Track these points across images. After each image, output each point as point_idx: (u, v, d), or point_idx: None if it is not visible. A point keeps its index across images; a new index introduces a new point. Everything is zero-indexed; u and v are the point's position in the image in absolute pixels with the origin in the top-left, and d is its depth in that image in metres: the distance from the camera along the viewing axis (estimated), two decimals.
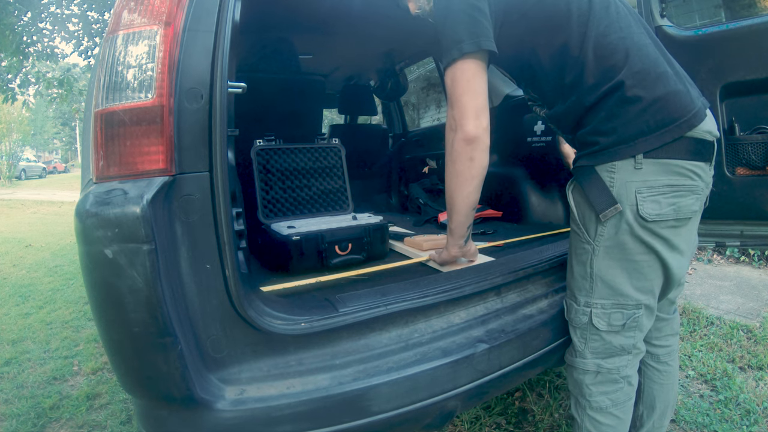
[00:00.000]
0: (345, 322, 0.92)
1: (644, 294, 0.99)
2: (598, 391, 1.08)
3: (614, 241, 0.96)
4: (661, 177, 0.90)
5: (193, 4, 0.79)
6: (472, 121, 0.97)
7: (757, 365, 1.97)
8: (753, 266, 3.39)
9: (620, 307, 1.00)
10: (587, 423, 1.10)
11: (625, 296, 0.99)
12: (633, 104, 0.89)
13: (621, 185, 0.92)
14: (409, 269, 1.39)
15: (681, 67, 0.99)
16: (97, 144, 0.76)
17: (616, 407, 1.08)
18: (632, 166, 0.90)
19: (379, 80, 3.03)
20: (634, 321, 1.01)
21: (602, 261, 0.99)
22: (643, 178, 0.90)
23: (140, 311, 0.72)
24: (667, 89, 0.89)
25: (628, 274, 0.97)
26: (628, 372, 1.07)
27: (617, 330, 1.02)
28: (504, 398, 1.77)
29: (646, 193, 0.90)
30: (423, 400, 0.93)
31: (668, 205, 0.91)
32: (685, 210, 0.93)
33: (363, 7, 1.87)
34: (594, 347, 1.06)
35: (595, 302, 1.02)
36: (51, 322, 2.77)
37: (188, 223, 0.79)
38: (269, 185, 1.71)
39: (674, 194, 0.91)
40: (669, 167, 0.89)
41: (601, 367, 1.06)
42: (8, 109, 15.89)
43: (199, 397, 0.78)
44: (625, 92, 0.90)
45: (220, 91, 0.79)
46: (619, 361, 1.06)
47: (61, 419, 1.74)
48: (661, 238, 0.94)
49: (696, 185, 0.93)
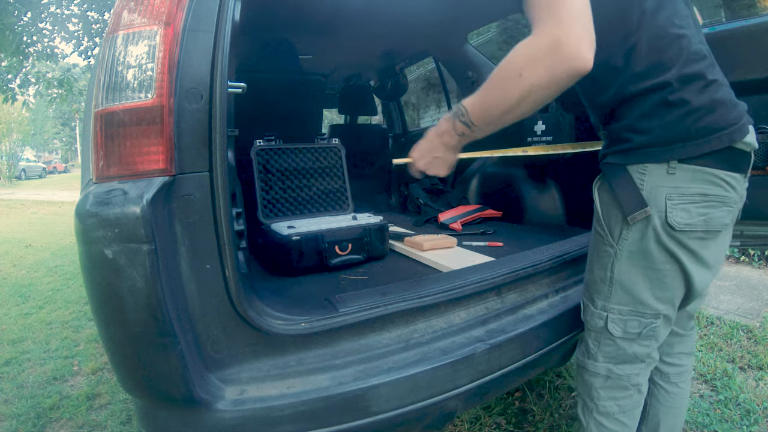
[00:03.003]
0: (345, 322, 0.92)
1: (664, 304, 0.95)
2: (607, 396, 1.04)
3: (638, 247, 0.91)
4: (694, 185, 0.84)
5: (193, 4, 0.79)
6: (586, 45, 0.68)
7: (757, 365, 1.97)
8: (753, 266, 3.39)
9: (638, 315, 0.96)
10: (593, 426, 1.07)
11: (644, 305, 0.95)
12: (676, 108, 0.83)
13: (651, 189, 0.86)
14: (409, 269, 1.39)
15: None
16: (97, 144, 0.76)
17: (624, 414, 1.05)
18: (665, 171, 0.85)
19: (379, 80, 3.03)
20: (651, 330, 0.97)
21: (624, 266, 0.94)
22: (675, 183, 0.85)
23: (140, 311, 0.72)
24: (715, 98, 0.83)
25: (649, 282, 0.93)
26: (640, 380, 1.04)
27: (633, 338, 0.98)
28: (504, 398, 1.77)
29: (677, 200, 0.85)
30: (423, 401, 0.93)
31: (699, 215, 0.86)
32: (716, 222, 0.87)
33: (363, 7, 1.87)
34: (607, 351, 1.02)
35: (613, 307, 0.98)
36: (51, 322, 2.77)
37: (188, 223, 0.79)
38: (269, 185, 1.71)
39: (706, 204, 0.85)
40: (703, 175, 0.84)
41: (612, 372, 1.03)
42: (8, 109, 15.88)
43: (199, 397, 0.78)
44: (669, 94, 0.83)
45: (220, 91, 0.79)
46: (631, 368, 1.02)
47: (61, 419, 1.74)
48: (687, 249, 0.88)
49: (729, 197, 0.87)
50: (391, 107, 3.46)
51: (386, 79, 2.97)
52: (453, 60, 2.54)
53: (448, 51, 2.52)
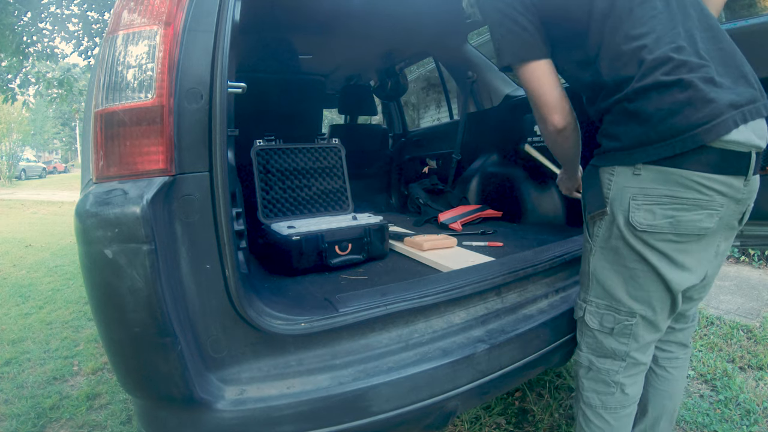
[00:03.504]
0: (345, 322, 0.92)
1: (639, 303, 0.97)
2: (590, 388, 1.09)
3: (608, 244, 0.97)
4: (661, 186, 0.86)
5: (193, 4, 0.79)
6: (556, 114, 0.99)
7: (757, 365, 1.97)
8: (753, 266, 3.39)
9: (613, 310, 1.00)
10: (580, 416, 1.12)
11: (619, 301, 0.98)
12: (635, 116, 0.87)
13: (617, 190, 0.91)
14: (409, 269, 1.39)
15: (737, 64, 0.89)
16: (97, 144, 0.76)
17: (606, 411, 1.07)
18: (631, 172, 0.89)
19: (379, 80, 3.03)
20: (627, 329, 0.99)
21: (598, 261, 1.00)
22: (641, 184, 0.88)
23: (140, 311, 0.72)
24: (678, 99, 0.82)
25: (623, 280, 0.97)
26: (621, 379, 1.05)
27: (608, 332, 1.02)
28: (504, 398, 1.77)
29: (641, 201, 0.88)
30: (423, 400, 0.93)
31: (664, 217, 0.87)
32: (688, 225, 0.86)
33: (363, 7, 1.87)
34: (588, 343, 1.08)
35: (591, 300, 1.04)
36: (51, 322, 2.77)
37: (188, 223, 0.79)
38: (269, 185, 1.71)
39: (674, 206, 0.86)
40: (671, 176, 0.84)
41: (593, 365, 1.08)
42: (8, 109, 15.88)
43: (199, 397, 0.78)
44: (628, 105, 0.87)
45: (220, 91, 0.79)
46: (611, 364, 1.05)
47: (61, 419, 1.74)
48: (656, 250, 0.90)
49: (707, 200, 0.85)
50: (391, 107, 3.46)
51: (386, 79, 2.97)
52: (453, 60, 2.54)
53: (448, 51, 2.52)
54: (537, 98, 0.98)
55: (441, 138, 2.80)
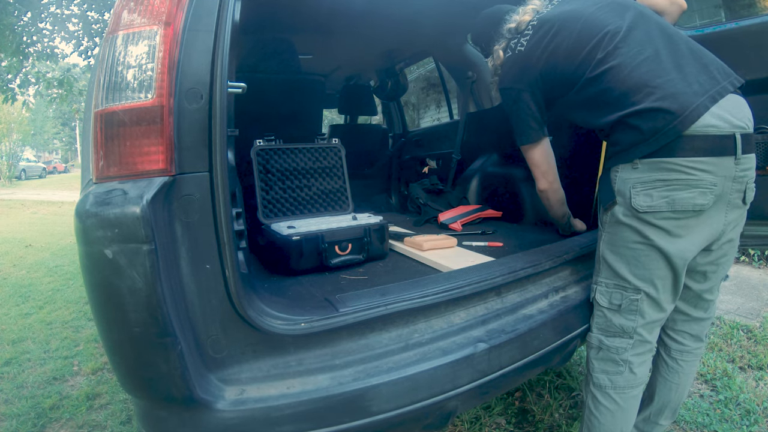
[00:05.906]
0: (345, 322, 0.92)
1: (642, 281, 1.09)
2: (600, 368, 1.18)
3: (613, 229, 1.11)
4: (654, 174, 1.01)
5: (193, 4, 0.79)
6: (540, 181, 1.37)
7: (757, 365, 1.97)
8: (753, 266, 3.40)
9: (620, 288, 1.12)
10: (589, 399, 1.20)
11: (624, 280, 1.11)
12: (631, 127, 1.03)
13: (621, 182, 1.06)
14: (409, 269, 1.39)
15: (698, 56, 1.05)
16: (97, 144, 0.76)
17: (615, 391, 1.16)
18: (631, 167, 1.04)
19: (379, 80, 3.03)
20: (633, 304, 1.11)
21: (605, 245, 1.14)
22: (638, 176, 1.03)
23: (140, 311, 0.72)
24: (654, 107, 0.98)
25: (626, 261, 1.10)
26: (630, 357, 1.14)
27: (616, 309, 1.13)
28: (504, 398, 1.77)
29: (640, 188, 1.03)
30: (423, 400, 0.93)
31: (661, 197, 1.00)
32: (682, 203, 0.99)
33: (363, 7, 1.87)
34: (598, 323, 1.19)
35: (601, 281, 1.16)
36: (51, 322, 2.78)
37: (188, 223, 0.79)
38: (269, 185, 1.71)
39: (667, 188, 1.00)
40: (661, 165, 1.00)
41: (603, 343, 1.17)
42: (8, 109, 15.88)
43: (199, 398, 0.78)
44: (622, 122, 1.04)
45: (220, 91, 0.79)
46: (619, 342, 1.15)
47: (61, 419, 1.74)
48: (657, 227, 1.03)
49: (695, 179, 0.98)
50: (391, 107, 3.46)
51: (386, 79, 2.97)
52: (453, 60, 2.54)
53: (448, 51, 2.53)
54: (534, 167, 1.35)
55: (441, 138, 2.81)
